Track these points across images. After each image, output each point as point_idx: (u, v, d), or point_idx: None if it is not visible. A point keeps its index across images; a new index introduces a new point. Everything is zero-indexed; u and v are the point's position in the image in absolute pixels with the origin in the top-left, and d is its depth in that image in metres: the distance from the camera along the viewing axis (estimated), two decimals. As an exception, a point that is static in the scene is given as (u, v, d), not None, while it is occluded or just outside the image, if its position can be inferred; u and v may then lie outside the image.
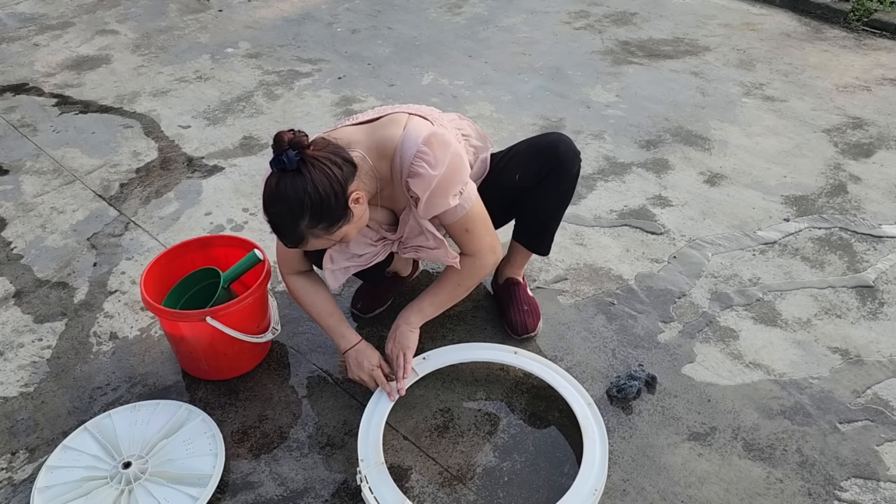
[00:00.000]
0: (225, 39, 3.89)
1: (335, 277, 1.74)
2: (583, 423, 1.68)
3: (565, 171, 1.79)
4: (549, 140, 1.80)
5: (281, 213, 1.45)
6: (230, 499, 1.62)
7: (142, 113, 3.19)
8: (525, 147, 1.83)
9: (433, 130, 1.55)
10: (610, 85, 3.35)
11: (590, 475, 1.58)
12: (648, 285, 2.19)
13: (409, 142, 1.53)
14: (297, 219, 1.44)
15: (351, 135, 1.59)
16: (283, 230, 1.48)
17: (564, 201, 1.86)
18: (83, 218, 2.54)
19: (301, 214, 1.43)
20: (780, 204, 2.54)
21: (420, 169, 1.52)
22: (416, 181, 1.53)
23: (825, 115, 3.08)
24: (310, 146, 1.44)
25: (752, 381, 1.88)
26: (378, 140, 1.57)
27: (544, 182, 1.79)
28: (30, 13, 4.27)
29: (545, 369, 1.82)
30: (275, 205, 1.45)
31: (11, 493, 1.63)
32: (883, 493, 1.61)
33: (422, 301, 1.79)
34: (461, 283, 1.77)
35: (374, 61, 3.63)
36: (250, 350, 1.90)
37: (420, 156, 1.52)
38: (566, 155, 1.78)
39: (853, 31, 3.82)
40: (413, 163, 1.52)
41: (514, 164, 1.81)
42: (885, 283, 2.18)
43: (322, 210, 1.43)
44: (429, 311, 1.79)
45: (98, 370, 1.94)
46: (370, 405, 1.73)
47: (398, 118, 1.60)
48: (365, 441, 1.64)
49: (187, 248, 1.96)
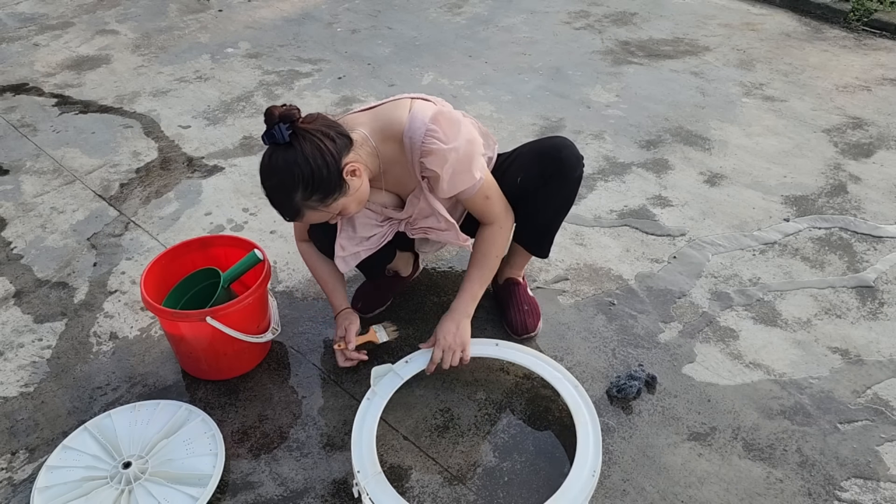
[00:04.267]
0: (225, 39, 3.89)
1: (346, 262, 1.77)
2: (572, 407, 1.69)
3: (568, 176, 1.79)
4: (553, 144, 1.80)
5: (275, 187, 1.49)
6: (230, 499, 1.62)
7: (142, 113, 3.19)
8: (528, 150, 1.83)
9: (439, 109, 1.59)
10: (610, 85, 3.35)
11: (586, 458, 1.59)
12: (648, 285, 2.19)
13: (417, 122, 1.55)
14: (290, 192, 1.47)
15: (354, 119, 1.64)
16: (279, 204, 1.51)
17: (566, 206, 1.86)
18: (83, 218, 2.54)
19: (294, 187, 1.45)
20: (780, 204, 2.54)
21: (433, 146, 1.54)
22: (432, 159, 1.55)
23: (825, 115, 3.08)
24: (301, 119, 1.47)
25: (752, 381, 1.88)
26: (383, 122, 1.60)
27: (546, 186, 1.80)
28: (30, 13, 4.26)
29: (531, 358, 1.82)
30: (268, 179, 1.49)
31: (11, 493, 1.63)
32: (883, 493, 1.61)
33: (471, 285, 1.79)
34: (497, 254, 1.80)
35: (374, 61, 3.63)
36: (250, 350, 1.90)
37: (430, 133, 1.54)
38: (569, 160, 1.78)
39: (853, 31, 3.82)
40: (424, 141, 1.54)
41: (516, 166, 1.81)
42: (885, 283, 2.18)
43: (314, 182, 1.46)
44: (479, 292, 1.81)
45: (98, 370, 1.94)
46: (359, 413, 1.69)
47: (402, 102, 1.62)
48: (359, 451, 1.60)
49: (187, 248, 1.96)
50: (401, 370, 1.79)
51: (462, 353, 1.77)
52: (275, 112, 1.45)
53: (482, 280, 1.80)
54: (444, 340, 1.76)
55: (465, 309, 1.79)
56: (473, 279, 1.80)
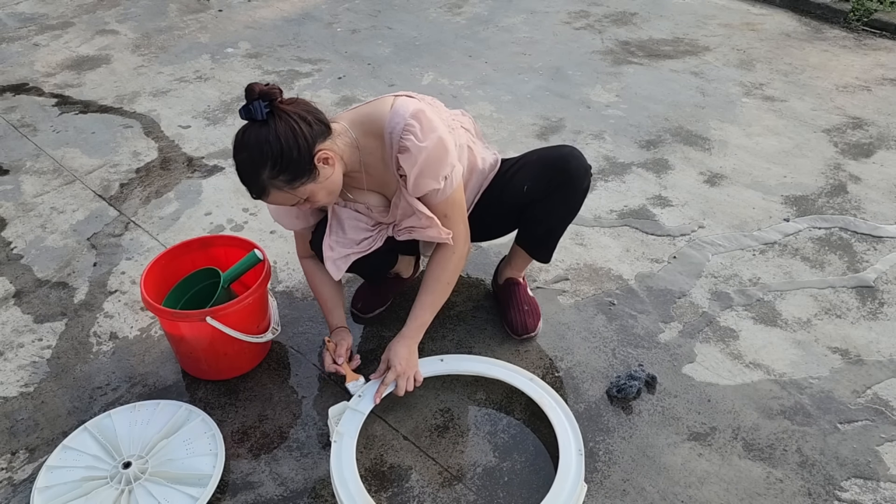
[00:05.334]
0: (225, 39, 3.89)
1: (337, 267, 1.73)
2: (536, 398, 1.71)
3: (575, 187, 1.79)
4: (561, 154, 1.79)
5: (244, 161, 1.48)
6: (230, 499, 1.62)
7: (142, 113, 3.19)
8: (536, 159, 1.82)
9: (421, 107, 1.57)
10: (610, 85, 3.35)
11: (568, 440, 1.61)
12: (648, 285, 2.19)
13: (398, 117, 1.55)
14: (258, 168, 1.46)
15: (339, 115, 1.65)
16: (247, 179, 1.51)
17: (571, 215, 1.86)
18: (83, 218, 2.54)
19: (262, 164, 1.46)
20: (780, 204, 2.54)
21: (408, 142, 1.54)
22: (405, 157, 1.55)
23: (825, 115, 3.08)
24: (281, 101, 1.47)
25: (752, 381, 1.88)
26: (364, 115, 1.60)
27: (552, 196, 1.79)
28: (30, 13, 4.26)
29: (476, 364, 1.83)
30: (239, 153, 1.49)
31: (11, 493, 1.63)
32: (883, 493, 1.61)
33: (422, 312, 1.75)
34: (448, 281, 1.75)
35: (374, 61, 3.63)
36: (250, 350, 1.90)
37: (408, 129, 1.54)
38: (577, 171, 1.77)
39: (853, 31, 3.82)
40: (402, 137, 1.54)
41: (522, 174, 1.80)
42: (885, 283, 2.18)
43: (283, 161, 1.45)
44: (429, 319, 1.77)
45: (98, 370, 1.94)
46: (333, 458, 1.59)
47: (385, 98, 1.62)
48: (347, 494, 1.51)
49: (187, 248, 1.96)
50: (358, 406, 1.70)
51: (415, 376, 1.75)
52: (255, 89, 1.45)
53: (433, 307, 1.75)
54: (399, 366, 1.72)
55: (414, 335, 1.76)
56: (425, 305, 1.75)
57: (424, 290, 1.75)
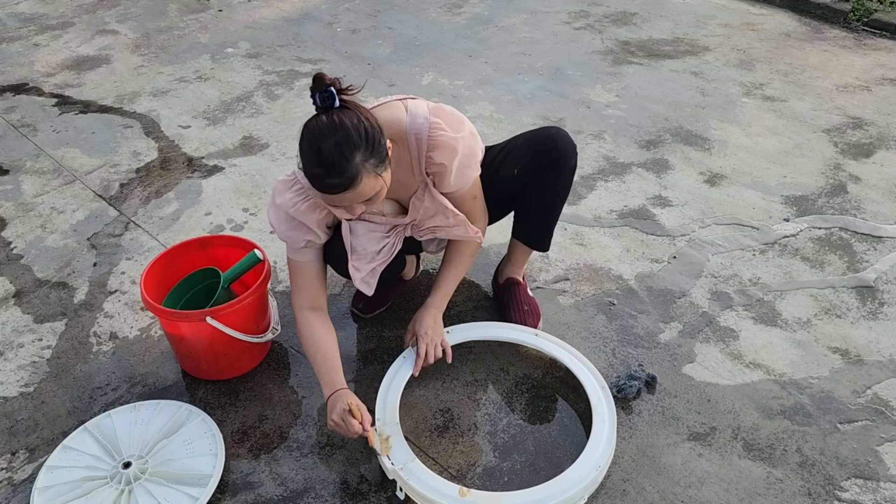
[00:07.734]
0: (225, 39, 3.89)
1: (367, 284, 1.73)
2: (594, 402, 1.71)
3: (563, 165, 1.80)
4: (548, 134, 1.80)
5: (335, 146, 1.38)
6: (230, 499, 1.62)
7: (142, 113, 3.19)
8: (523, 141, 1.83)
9: (433, 104, 1.61)
10: (610, 85, 3.35)
11: (595, 452, 1.60)
12: (648, 285, 2.19)
13: (419, 118, 1.57)
14: (353, 149, 1.38)
15: None
16: (338, 164, 1.38)
17: (562, 196, 1.87)
18: (83, 218, 2.54)
19: (357, 145, 1.39)
20: (780, 204, 2.54)
21: (441, 137, 1.56)
22: (441, 151, 1.57)
23: (825, 115, 3.08)
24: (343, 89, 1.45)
25: (752, 381, 1.88)
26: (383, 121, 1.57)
27: (542, 176, 1.80)
28: (30, 13, 4.26)
29: (563, 352, 1.86)
30: (325, 139, 1.38)
31: (11, 493, 1.63)
32: (883, 493, 1.61)
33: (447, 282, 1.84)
34: (471, 253, 1.84)
35: (374, 61, 3.63)
36: (250, 350, 1.90)
37: (435, 126, 1.56)
38: (564, 149, 1.79)
39: (853, 31, 3.82)
40: (431, 135, 1.55)
41: (511, 158, 1.82)
42: (885, 283, 2.18)
43: (374, 144, 1.42)
44: (452, 290, 1.85)
45: (98, 370, 1.94)
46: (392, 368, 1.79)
47: (394, 104, 1.63)
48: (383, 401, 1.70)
49: (187, 248, 1.96)
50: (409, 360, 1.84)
51: (441, 343, 1.81)
52: (325, 77, 1.41)
53: (456, 278, 1.85)
54: (426, 335, 1.79)
55: (439, 304, 1.83)
56: (449, 277, 1.84)
57: (449, 263, 1.84)
